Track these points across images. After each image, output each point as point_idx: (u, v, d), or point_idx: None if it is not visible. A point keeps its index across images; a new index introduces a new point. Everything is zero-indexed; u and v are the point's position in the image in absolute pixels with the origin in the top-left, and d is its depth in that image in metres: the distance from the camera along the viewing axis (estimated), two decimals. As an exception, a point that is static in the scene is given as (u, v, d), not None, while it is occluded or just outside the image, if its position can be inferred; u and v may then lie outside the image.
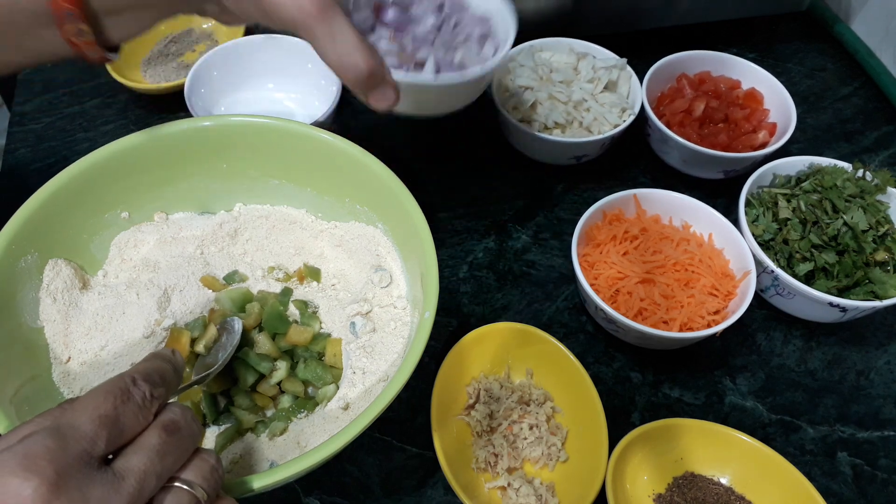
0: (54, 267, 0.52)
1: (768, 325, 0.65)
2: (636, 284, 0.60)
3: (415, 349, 0.44)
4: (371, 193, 0.55)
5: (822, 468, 0.57)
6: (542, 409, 0.56)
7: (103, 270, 0.56)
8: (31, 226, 0.49)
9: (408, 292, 0.54)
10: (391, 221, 0.55)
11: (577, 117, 0.71)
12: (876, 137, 0.81)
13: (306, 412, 0.51)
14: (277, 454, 0.49)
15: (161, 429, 0.32)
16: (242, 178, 0.58)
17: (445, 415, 0.55)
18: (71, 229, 0.53)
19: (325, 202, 0.59)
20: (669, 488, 0.54)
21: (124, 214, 0.57)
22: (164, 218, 0.59)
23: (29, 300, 0.50)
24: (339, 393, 0.51)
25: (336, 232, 0.59)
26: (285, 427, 0.50)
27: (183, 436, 0.33)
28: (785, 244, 0.62)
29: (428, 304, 0.46)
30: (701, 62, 0.77)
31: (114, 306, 0.53)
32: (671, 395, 0.61)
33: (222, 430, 0.50)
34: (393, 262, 0.56)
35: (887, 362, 0.63)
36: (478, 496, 0.51)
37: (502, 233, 0.71)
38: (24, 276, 0.49)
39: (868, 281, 0.60)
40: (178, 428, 0.33)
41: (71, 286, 0.52)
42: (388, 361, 0.50)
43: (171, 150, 0.55)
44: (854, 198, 0.63)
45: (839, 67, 0.89)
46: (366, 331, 0.53)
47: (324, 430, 0.49)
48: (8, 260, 0.47)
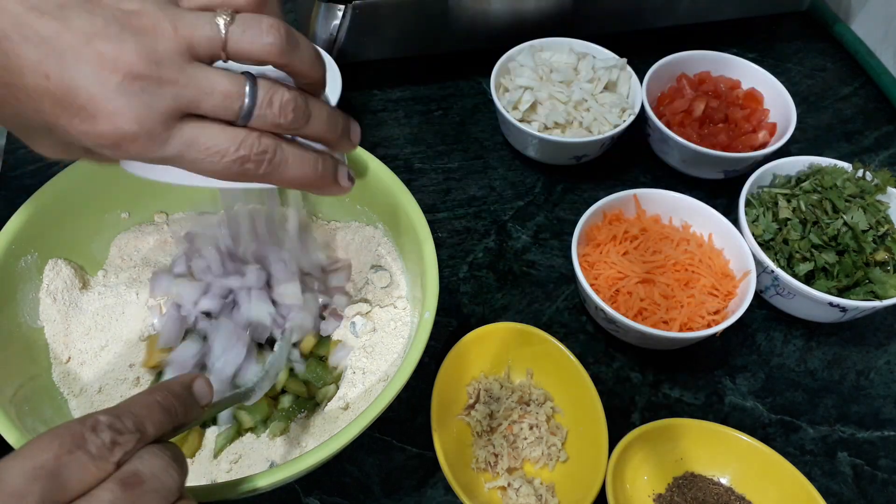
0: (54, 267, 0.52)
1: (768, 325, 0.65)
2: (636, 284, 0.60)
3: (415, 349, 0.44)
4: (371, 193, 0.55)
5: (822, 468, 0.57)
6: (542, 409, 0.56)
7: (103, 270, 0.56)
8: (32, 226, 0.49)
9: (408, 292, 0.54)
10: (391, 221, 0.55)
11: (577, 117, 0.71)
12: (876, 137, 0.81)
13: (306, 412, 0.51)
14: (278, 454, 0.49)
15: (117, 483, 0.27)
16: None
17: (445, 415, 0.55)
18: (71, 229, 0.53)
19: (324, 202, 0.59)
20: (669, 488, 0.54)
21: (124, 214, 0.57)
22: (165, 218, 0.59)
23: (29, 300, 0.50)
24: (339, 393, 0.51)
25: (336, 232, 0.59)
26: (286, 427, 0.50)
27: (145, 490, 0.27)
28: (785, 244, 0.62)
29: (428, 304, 0.46)
30: (701, 62, 0.77)
31: (113, 306, 0.53)
32: (671, 395, 0.61)
33: (222, 430, 0.50)
34: (393, 262, 0.56)
35: (887, 362, 0.63)
36: (478, 496, 0.51)
37: (502, 233, 0.71)
38: (24, 276, 0.49)
39: (868, 281, 0.60)
40: (140, 481, 0.27)
41: (71, 286, 0.52)
42: (388, 361, 0.51)
43: None
44: (854, 198, 0.63)
45: (839, 67, 0.89)
46: (366, 331, 0.53)
47: (324, 431, 0.49)
48: (8, 260, 0.47)
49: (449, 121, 0.80)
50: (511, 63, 0.75)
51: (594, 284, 0.60)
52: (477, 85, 0.84)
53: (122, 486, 0.27)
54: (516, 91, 0.73)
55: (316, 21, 0.75)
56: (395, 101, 0.81)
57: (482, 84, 0.84)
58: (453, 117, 0.81)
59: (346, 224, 0.59)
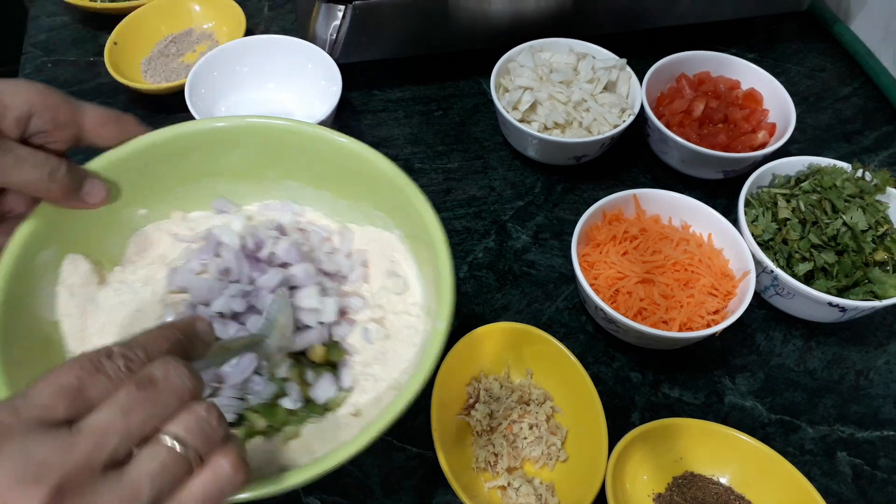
0: (72, 262, 0.52)
1: (768, 325, 0.65)
2: (636, 284, 0.60)
3: (427, 359, 0.43)
4: (387, 199, 0.54)
5: (821, 468, 0.57)
6: (542, 408, 0.56)
7: (120, 266, 0.56)
8: (51, 220, 0.49)
9: (422, 300, 0.54)
10: (407, 228, 0.55)
11: (576, 117, 0.71)
12: (875, 137, 0.81)
13: (317, 417, 0.51)
14: (288, 459, 0.48)
15: (132, 384, 0.30)
16: (261, 178, 0.58)
17: (445, 414, 0.55)
18: (89, 225, 0.53)
19: (340, 205, 0.59)
20: (669, 488, 0.54)
21: (142, 211, 0.56)
22: (182, 216, 0.58)
23: (46, 294, 0.50)
24: (350, 399, 0.51)
25: (352, 235, 0.59)
26: (297, 431, 0.50)
27: (160, 389, 0.30)
28: (784, 244, 0.63)
29: (442, 313, 0.46)
30: (701, 62, 0.78)
31: (129, 303, 0.53)
32: (671, 394, 0.61)
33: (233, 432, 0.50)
34: (408, 268, 0.55)
35: (886, 362, 0.64)
36: (478, 496, 0.51)
37: (502, 233, 0.71)
38: (42, 270, 0.49)
39: (867, 281, 0.61)
40: (153, 382, 0.30)
41: (88, 281, 0.52)
42: (400, 369, 0.50)
43: (191, 149, 0.54)
44: (853, 198, 0.63)
45: (839, 67, 0.89)
46: (379, 337, 0.53)
47: (334, 437, 0.49)
48: (27, 253, 0.47)
49: (449, 121, 0.80)
50: (511, 63, 0.75)
51: (594, 284, 0.60)
52: (477, 85, 0.84)
53: (136, 386, 0.30)
54: (516, 91, 0.73)
55: (316, 21, 0.75)
56: (395, 101, 0.82)
57: (482, 84, 0.84)
58: (453, 117, 0.81)
59: (362, 228, 0.59)
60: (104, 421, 0.28)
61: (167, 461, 0.29)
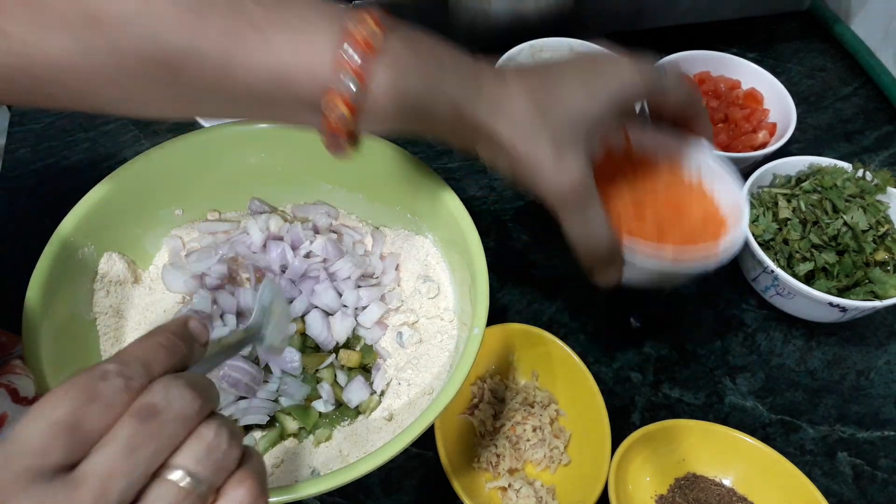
0: (109, 260, 0.52)
1: (768, 325, 0.65)
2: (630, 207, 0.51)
3: (463, 365, 0.43)
4: (422, 202, 0.54)
5: (822, 468, 0.57)
6: (546, 411, 0.56)
7: (154, 266, 0.56)
8: (90, 219, 0.49)
9: (455, 305, 0.54)
10: (441, 231, 0.54)
11: (577, 117, 0.71)
12: (876, 137, 0.81)
13: (349, 420, 0.51)
14: (319, 462, 0.48)
15: (133, 417, 0.27)
16: (295, 180, 0.58)
17: (448, 413, 0.55)
18: (126, 224, 0.53)
19: (374, 208, 0.59)
20: (671, 489, 0.54)
21: (178, 211, 0.57)
22: (217, 217, 0.58)
23: (84, 291, 0.50)
24: (383, 403, 0.51)
25: (385, 238, 0.59)
26: (329, 434, 0.50)
27: (164, 420, 0.27)
28: (785, 244, 0.62)
29: (477, 319, 0.46)
30: (701, 62, 0.77)
31: (160, 302, 0.53)
32: (671, 395, 0.61)
33: (265, 433, 0.50)
34: (442, 272, 0.55)
35: (887, 362, 0.64)
36: (478, 496, 0.51)
37: (502, 233, 0.71)
38: (80, 268, 0.50)
39: (868, 281, 0.60)
40: (156, 412, 0.27)
41: (124, 280, 0.53)
42: (433, 374, 0.50)
43: (227, 150, 0.55)
44: (854, 198, 0.63)
45: (839, 67, 0.89)
46: (412, 342, 0.53)
47: (367, 441, 0.49)
48: (66, 251, 0.48)
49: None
50: (511, 63, 0.75)
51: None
52: (477, 85, 0.84)
53: (138, 419, 0.27)
54: (516, 91, 0.73)
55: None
56: (395, 100, 0.81)
57: (482, 84, 0.83)
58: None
59: (394, 231, 0.59)
60: (106, 464, 0.25)
61: (178, 501, 0.27)
